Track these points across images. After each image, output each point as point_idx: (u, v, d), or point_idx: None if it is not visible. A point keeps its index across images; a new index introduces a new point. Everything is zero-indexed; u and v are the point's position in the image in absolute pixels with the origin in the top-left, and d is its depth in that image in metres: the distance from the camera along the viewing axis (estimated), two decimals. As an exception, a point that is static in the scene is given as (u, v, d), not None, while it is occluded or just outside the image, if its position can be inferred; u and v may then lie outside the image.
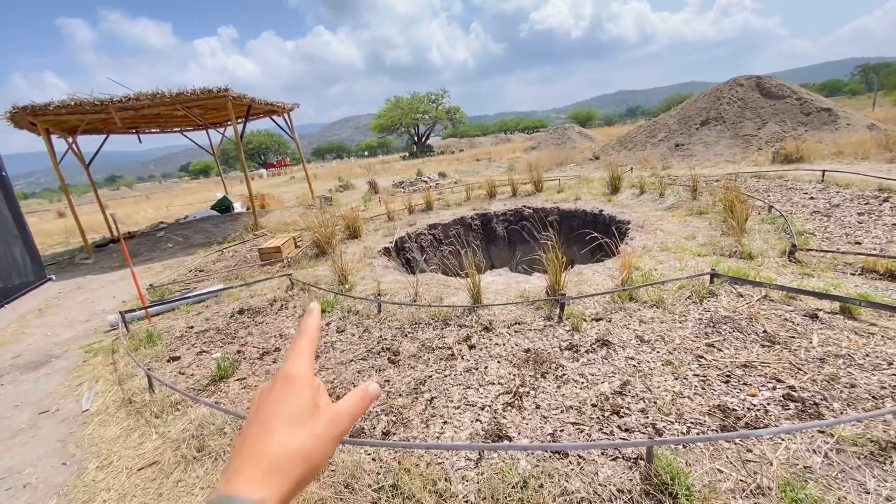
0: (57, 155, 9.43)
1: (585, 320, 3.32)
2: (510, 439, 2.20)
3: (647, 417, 2.21)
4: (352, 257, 6.29)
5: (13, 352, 4.68)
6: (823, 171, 6.99)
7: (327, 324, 4.05)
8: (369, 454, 2.23)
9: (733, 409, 2.19)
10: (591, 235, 6.63)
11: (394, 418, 2.52)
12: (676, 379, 2.49)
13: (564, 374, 2.68)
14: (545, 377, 2.69)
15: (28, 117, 8.41)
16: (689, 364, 2.61)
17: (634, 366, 2.68)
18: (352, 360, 3.31)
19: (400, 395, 2.75)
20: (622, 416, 2.24)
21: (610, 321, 3.26)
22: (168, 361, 3.76)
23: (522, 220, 8.54)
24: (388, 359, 3.24)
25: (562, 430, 2.20)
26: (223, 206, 13.55)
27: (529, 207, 8.59)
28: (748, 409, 2.18)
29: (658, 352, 2.79)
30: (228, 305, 4.99)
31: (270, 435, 0.36)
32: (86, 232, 10.53)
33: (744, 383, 2.39)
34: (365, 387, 0.45)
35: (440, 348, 3.27)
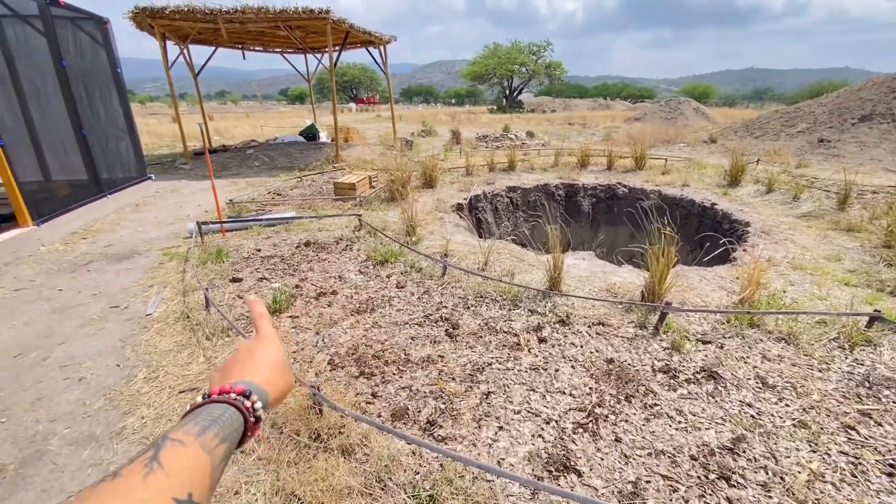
0: (170, 63, 9.92)
1: (689, 339, 2.71)
2: (579, 474, 1.78)
3: (770, 497, 1.67)
4: (423, 207, 5.97)
5: (107, 240, 5.03)
6: None
7: (388, 276, 3.80)
8: (409, 444, 1.94)
9: (904, 522, 1.58)
10: (702, 235, 5.71)
11: (442, 405, 2.20)
12: (814, 451, 1.89)
13: (656, 405, 2.17)
14: (630, 402, 2.20)
15: (147, 19, 8.78)
16: (833, 434, 1.97)
17: (753, 417, 2.09)
18: (407, 323, 3.03)
19: (453, 377, 2.42)
20: (733, 486, 1.72)
21: (721, 347, 2.63)
22: (231, 281, 3.76)
23: (614, 199, 7.63)
24: (446, 331, 2.91)
25: (648, 482, 1.74)
26: (310, 134, 13.79)
27: (625, 185, 7.62)
28: (927, 526, 1.56)
29: (788, 405, 2.16)
30: (297, 235, 4.94)
31: (262, 367, 0.52)
32: (188, 139, 11.24)
33: (918, 484, 1.73)
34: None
35: (504, 332, 2.86)
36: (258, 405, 0.47)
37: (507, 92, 47.06)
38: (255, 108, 51.96)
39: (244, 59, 13.77)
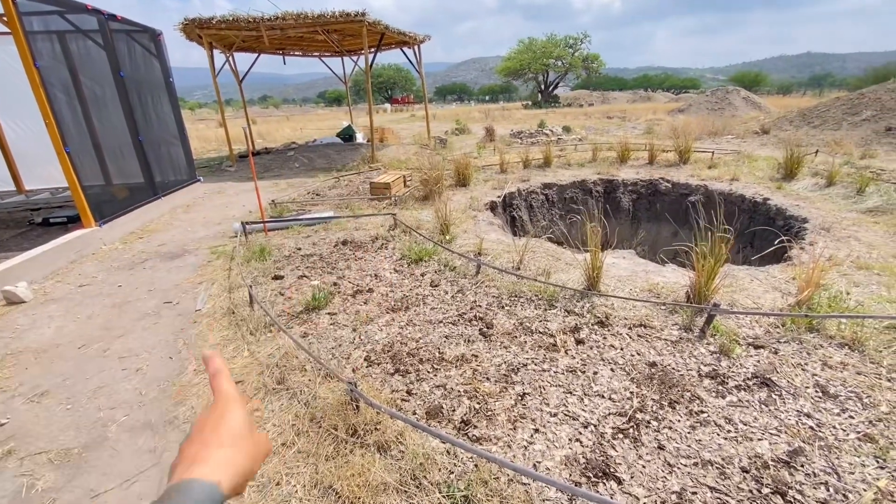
0: (217, 71, 10.43)
1: (739, 343, 2.55)
2: (619, 481, 1.72)
3: (833, 517, 1.54)
4: (456, 206, 5.96)
5: (160, 240, 5.35)
6: None
7: (422, 274, 3.82)
8: (444, 443, 1.94)
9: None
10: (753, 232, 5.40)
11: (477, 405, 2.19)
12: (882, 468, 1.73)
13: (703, 412, 2.06)
14: (674, 408, 2.10)
15: (196, 29, 9.26)
16: (906, 450, 1.80)
17: (812, 428, 1.94)
18: (441, 322, 3.03)
19: (487, 377, 2.40)
20: (790, 503, 1.60)
21: (776, 353, 2.46)
22: (273, 279, 3.90)
23: (656, 195, 7.32)
24: (480, 330, 2.89)
25: (694, 493, 1.65)
26: (347, 135, 14.11)
27: (668, 181, 7.30)
28: None
29: (852, 417, 1.99)
30: (334, 234, 5.06)
31: (220, 441, 0.44)
32: (233, 143, 11.78)
33: None
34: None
35: (540, 333, 2.81)
36: None
37: (543, 87, 46.17)
38: (295, 112, 53.75)
39: (284, 63, 14.25)
